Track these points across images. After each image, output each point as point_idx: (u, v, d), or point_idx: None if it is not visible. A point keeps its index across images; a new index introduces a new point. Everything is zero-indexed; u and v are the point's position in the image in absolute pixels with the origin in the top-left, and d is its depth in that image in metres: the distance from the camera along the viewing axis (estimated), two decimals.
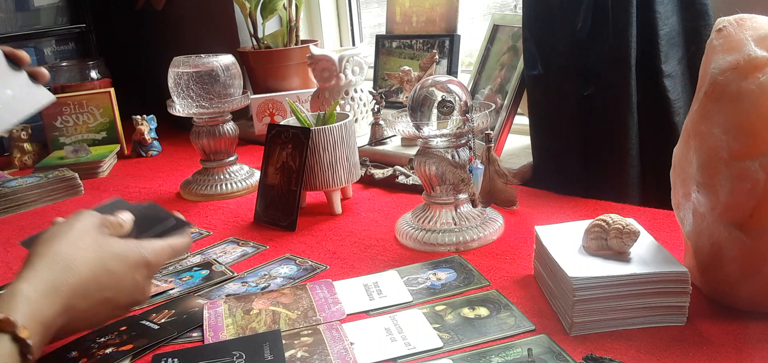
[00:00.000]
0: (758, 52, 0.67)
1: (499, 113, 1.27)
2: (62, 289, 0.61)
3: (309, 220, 1.13)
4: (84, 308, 0.63)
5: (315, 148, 1.10)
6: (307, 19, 1.93)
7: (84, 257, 0.63)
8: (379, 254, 0.97)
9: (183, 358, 0.73)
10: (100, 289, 0.64)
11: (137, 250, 0.68)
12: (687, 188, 0.73)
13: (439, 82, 0.96)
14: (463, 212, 0.99)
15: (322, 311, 0.80)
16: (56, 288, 0.60)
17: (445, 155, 0.96)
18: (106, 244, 0.66)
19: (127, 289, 0.67)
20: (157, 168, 1.58)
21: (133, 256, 0.67)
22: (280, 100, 1.64)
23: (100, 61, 1.98)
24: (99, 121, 1.71)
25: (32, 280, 0.60)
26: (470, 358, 0.68)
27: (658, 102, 1.04)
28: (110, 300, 0.65)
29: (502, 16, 1.38)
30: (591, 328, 0.71)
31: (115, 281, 0.65)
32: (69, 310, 0.61)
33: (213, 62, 1.26)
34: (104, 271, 0.64)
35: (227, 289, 0.90)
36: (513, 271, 0.88)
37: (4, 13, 2.01)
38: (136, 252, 0.68)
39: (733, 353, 0.65)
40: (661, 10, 1.01)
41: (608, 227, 0.74)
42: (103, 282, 0.64)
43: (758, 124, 0.66)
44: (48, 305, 0.60)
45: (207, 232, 1.13)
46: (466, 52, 1.63)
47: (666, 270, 0.70)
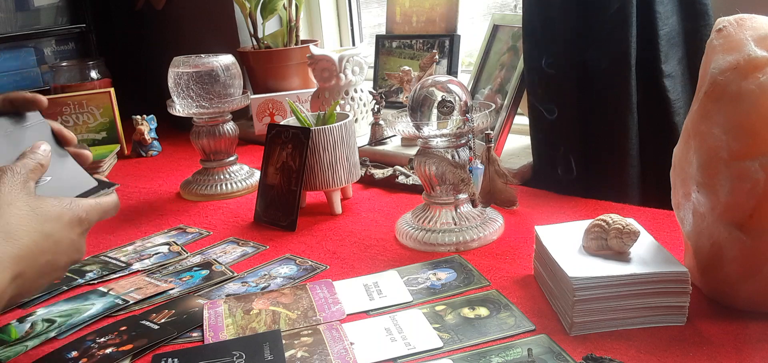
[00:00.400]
0: (758, 52, 0.67)
1: (499, 113, 1.27)
2: (6, 261, 0.60)
3: (309, 220, 1.13)
4: (30, 275, 0.63)
5: (315, 148, 1.10)
6: (307, 19, 1.93)
7: (21, 224, 0.63)
8: (379, 254, 0.97)
9: (183, 358, 0.73)
10: (42, 253, 0.64)
11: (70, 209, 0.67)
12: (687, 188, 0.73)
13: (439, 82, 0.96)
14: (463, 212, 0.99)
15: (322, 311, 0.80)
16: (1, 260, 0.60)
17: (445, 155, 0.96)
18: (39, 207, 0.65)
19: (65, 249, 0.67)
20: (157, 168, 1.58)
21: (68, 216, 0.67)
22: (280, 100, 1.64)
23: (100, 61, 1.98)
24: (99, 121, 1.71)
25: None
26: (470, 358, 0.68)
27: (658, 102, 1.04)
28: (51, 262, 0.65)
29: (502, 16, 1.38)
30: (591, 328, 0.71)
31: (54, 243, 0.65)
32: (16, 279, 0.61)
33: (213, 62, 1.26)
34: (42, 235, 0.64)
35: (227, 289, 0.90)
36: (513, 271, 0.88)
37: (4, 13, 2.01)
38: (70, 211, 0.67)
39: (733, 353, 0.65)
40: (661, 10, 1.01)
41: (608, 227, 0.74)
42: (43, 246, 0.64)
43: (758, 124, 0.66)
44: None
45: (207, 232, 1.13)
46: (466, 52, 1.63)
47: (666, 270, 0.70)
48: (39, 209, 0.65)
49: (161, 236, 1.13)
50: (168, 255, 1.04)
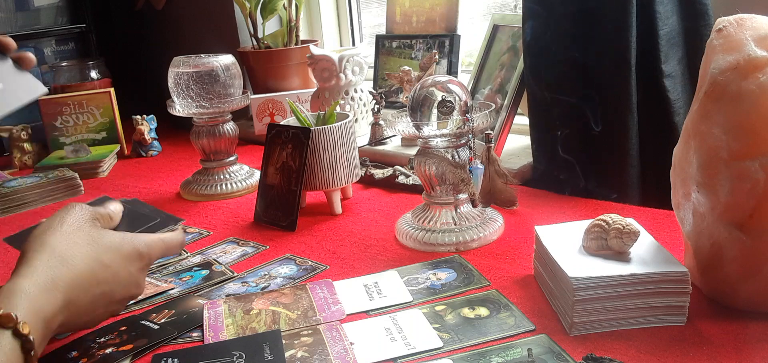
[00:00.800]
0: (758, 52, 0.67)
1: (499, 113, 1.27)
2: (60, 284, 0.60)
3: (309, 220, 1.13)
4: (83, 303, 0.63)
5: (315, 148, 1.10)
6: (307, 19, 1.93)
7: (79, 251, 0.63)
8: (379, 254, 0.97)
9: (183, 358, 0.73)
10: (97, 283, 0.64)
11: (131, 242, 0.68)
12: (687, 188, 0.73)
13: (439, 82, 0.96)
14: (463, 212, 0.99)
15: (322, 311, 0.80)
16: (55, 283, 0.60)
17: (445, 155, 0.96)
18: (99, 238, 0.65)
19: (123, 282, 0.67)
20: (157, 168, 1.58)
21: (127, 248, 0.67)
22: (280, 100, 1.64)
23: (100, 61, 1.98)
24: (99, 121, 1.71)
25: (30, 275, 0.60)
26: (470, 358, 0.68)
27: (658, 102, 1.04)
28: (107, 293, 0.65)
29: (502, 16, 1.38)
30: (591, 328, 0.71)
31: (111, 274, 0.65)
32: (68, 306, 0.61)
33: (213, 62, 1.26)
34: (100, 265, 0.64)
35: (227, 289, 0.90)
36: (513, 271, 0.88)
37: (4, 13, 2.01)
38: (130, 244, 0.68)
39: (733, 353, 0.65)
40: (661, 10, 1.01)
41: (608, 227, 0.74)
42: (99, 275, 0.64)
43: (758, 124, 0.66)
44: (48, 301, 0.59)
45: (207, 232, 1.13)
46: (466, 52, 1.63)
47: (666, 270, 0.70)
48: (99, 240, 0.65)
49: None
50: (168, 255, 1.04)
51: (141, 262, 0.69)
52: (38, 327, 0.59)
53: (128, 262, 0.67)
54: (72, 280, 0.61)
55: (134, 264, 0.68)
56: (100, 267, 0.64)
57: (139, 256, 0.68)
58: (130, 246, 0.68)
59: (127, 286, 0.68)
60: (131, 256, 0.67)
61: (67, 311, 0.61)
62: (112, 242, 0.66)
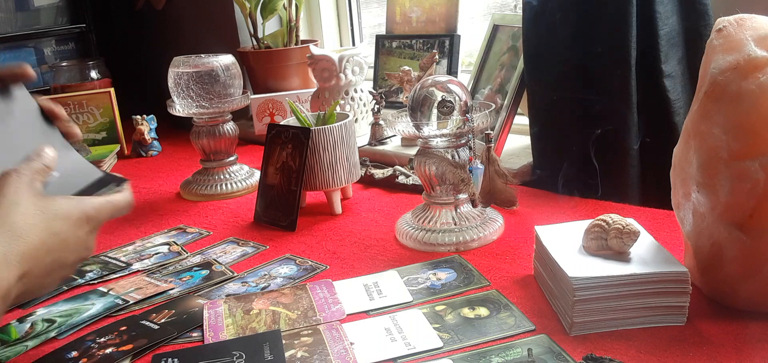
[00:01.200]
0: (758, 52, 0.67)
1: (499, 113, 1.27)
2: (13, 258, 0.61)
3: (309, 220, 1.13)
4: (37, 273, 0.63)
5: (315, 148, 1.10)
6: (307, 19, 1.93)
7: (29, 222, 0.63)
8: (379, 254, 0.97)
9: (183, 358, 0.73)
10: (49, 252, 0.64)
11: (78, 207, 0.67)
12: (687, 188, 0.73)
13: (439, 82, 0.96)
14: (463, 212, 0.99)
15: (322, 311, 0.80)
16: (7, 258, 0.60)
17: (445, 155, 0.96)
18: (46, 206, 0.65)
19: (73, 247, 0.67)
20: (157, 168, 1.58)
21: (76, 214, 0.67)
22: (280, 100, 1.64)
23: (100, 61, 1.98)
24: (99, 121, 1.71)
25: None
26: (470, 358, 0.68)
27: (658, 102, 1.04)
28: (58, 260, 0.65)
29: (502, 16, 1.38)
30: (591, 328, 0.71)
31: (61, 241, 0.65)
32: (23, 278, 0.62)
33: (213, 62, 1.26)
34: (50, 233, 0.64)
35: (227, 289, 0.90)
36: (513, 271, 0.88)
37: (4, 13, 2.01)
38: (78, 210, 0.67)
39: (733, 353, 0.65)
40: (661, 10, 1.01)
41: (608, 227, 0.74)
42: (50, 244, 0.64)
43: (758, 124, 0.66)
44: (2, 276, 0.60)
45: (207, 232, 1.13)
46: (466, 52, 1.63)
47: (666, 270, 0.70)
48: (46, 208, 0.65)
49: (161, 236, 1.13)
50: (168, 255, 1.04)
51: (89, 225, 0.68)
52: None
53: (77, 227, 0.67)
54: (25, 253, 0.61)
55: (83, 228, 0.67)
56: (51, 235, 0.64)
57: (88, 219, 0.68)
58: (79, 211, 0.67)
59: (77, 250, 0.67)
60: (80, 221, 0.67)
61: (21, 284, 0.62)
62: (60, 209, 0.66)
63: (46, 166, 0.69)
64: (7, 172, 0.66)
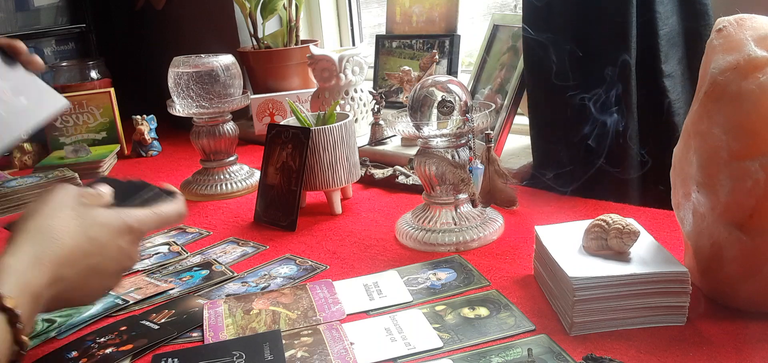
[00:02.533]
0: (758, 52, 0.67)
1: (499, 113, 1.27)
2: (46, 259, 0.61)
3: (309, 220, 1.13)
4: (72, 277, 0.63)
5: (315, 148, 1.10)
6: (307, 19, 1.93)
7: (65, 226, 0.63)
8: (379, 254, 0.97)
9: (183, 358, 0.73)
10: (85, 257, 0.64)
11: (118, 216, 0.68)
12: (687, 188, 0.73)
13: (439, 82, 0.96)
14: (463, 212, 0.99)
15: (322, 311, 0.80)
16: (40, 258, 0.61)
17: (445, 155, 0.96)
18: (86, 214, 0.65)
19: (113, 256, 0.67)
20: (157, 168, 1.58)
21: (115, 222, 0.67)
22: (280, 100, 1.64)
23: (100, 61, 1.98)
24: (99, 121, 1.71)
25: (15, 253, 0.61)
26: (470, 358, 0.68)
27: (658, 102, 1.04)
28: (97, 267, 0.65)
29: (502, 16, 1.38)
30: (591, 328, 0.71)
31: (99, 248, 0.65)
32: (57, 281, 0.62)
33: (213, 62, 1.26)
34: (87, 239, 0.64)
35: (227, 289, 0.90)
36: (513, 271, 0.88)
37: (4, 13, 2.01)
38: (118, 218, 0.67)
39: (733, 353, 0.65)
40: (661, 10, 1.01)
41: (608, 227, 0.74)
42: (87, 249, 0.64)
43: (758, 124, 0.66)
44: (34, 276, 0.60)
45: (207, 232, 1.13)
46: (466, 52, 1.63)
47: (666, 270, 0.70)
48: (85, 215, 0.65)
49: (161, 236, 1.13)
50: (168, 255, 1.04)
51: (131, 235, 0.68)
52: (25, 301, 0.59)
53: (117, 235, 0.67)
54: (58, 255, 0.62)
55: (124, 237, 0.67)
56: (87, 241, 0.64)
57: (129, 229, 0.68)
58: (118, 220, 0.67)
59: (117, 259, 0.67)
60: (120, 230, 0.67)
61: (55, 286, 0.62)
62: (100, 217, 0.66)
63: (99, 194, 0.69)
64: (61, 184, 0.67)
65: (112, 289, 0.70)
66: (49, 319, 0.85)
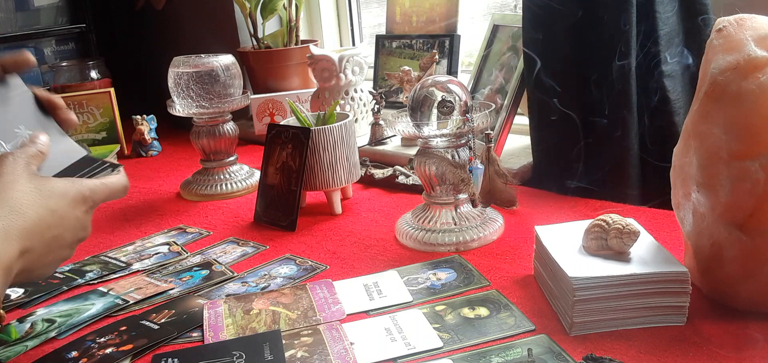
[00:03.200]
0: (758, 52, 0.67)
1: (499, 113, 1.27)
2: (14, 233, 0.62)
3: (309, 220, 1.13)
4: (38, 249, 0.65)
5: (315, 148, 1.10)
6: (307, 19, 1.93)
7: (27, 199, 0.65)
8: (379, 254, 0.97)
9: (183, 358, 0.73)
10: (48, 228, 0.66)
11: (75, 187, 0.69)
12: (687, 188, 0.73)
13: (439, 82, 0.96)
14: (463, 212, 0.99)
15: (322, 311, 0.80)
16: (8, 232, 0.62)
17: (445, 155, 0.96)
18: (43, 185, 0.67)
19: (71, 226, 0.68)
20: (157, 168, 1.58)
21: (72, 193, 0.69)
22: (280, 100, 1.64)
23: (100, 61, 1.98)
24: (99, 121, 1.71)
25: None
26: (470, 358, 0.68)
27: (658, 102, 1.04)
28: (58, 237, 0.67)
29: (502, 16, 1.38)
30: (591, 328, 0.71)
31: (59, 219, 0.67)
32: (24, 254, 0.63)
33: (213, 62, 1.26)
34: (48, 211, 0.66)
35: (227, 289, 0.90)
36: (513, 271, 0.88)
37: (4, 13, 2.01)
38: (75, 189, 0.69)
39: (733, 353, 0.65)
40: (661, 10, 1.01)
41: (608, 227, 0.74)
42: (49, 221, 0.66)
43: (758, 124, 0.66)
44: (4, 250, 0.61)
45: (207, 232, 1.13)
46: (466, 52, 1.63)
47: (666, 270, 0.70)
48: (42, 186, 0.66)
49: (161, 236, 1.13)
50: (168, 255, 1.04)
51: (85, 205, 0.70)
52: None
53: (74, 206, 0.69)
54: (24, 229, 0.63)
55: (80, 207, 0.69)
56: (49, 213, 0.66)
57: (84, 199, 0.70)
58: (75, 190, 0.69)
59: (75, 229, 0.69)
60: (76, 200, 0.69)
61: (23, 259, 0.63)
62: (57, 188, 0.68)
63: (40, 151, 0.71)
64: (3, 154, 0.68)
65: (67, 258, 0.71)
66: (49, 319, 0.85)
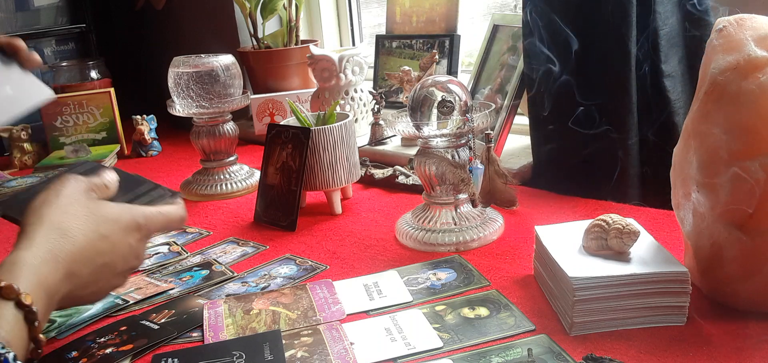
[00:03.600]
0: (758, 52, 0.67)
1: (499, 113, 1.27)
2: (61, 256, 0.61)
3: (309, 220, 1.13)
4: (85, 275, 0.63)
5: (315, 148, 1.10)
6: (307, 19, 1.93)
7: (78, 223, 0.63)
8: (379, 254, 0.97)
9: (183, 358, 0.73)
10: (98, 254, 0.64)
11: (129, 213, 0.68)
12: (687, 188, 0.73)
13: (439, 82, 0.96)
14: (463, 212, 0.99)
15: (322, 311, 0.80)
16: (55, 255, 0.61)
17: (445, 155, 0.96)
18: (97, 210, 0.65)
19: (123, 253, 0.67)
20: (157, 168, 1.58)
21: (126, 219, 0.67)
22: (280, 100, 1.64)
23: (100, 61, 1.98)
24: (99, 121, 1.71)
25: (30, 248, 0.60)
26: (470, 358, 0.68)
27: (658, 102, 1.04)
28: (108, 265, 0.65)
29: (502, 16, 1.38)
30: (591, 328, 0.71)
31: (110, 245, 0.65)
32: (70, 278, 0.62)
33: (213, 62, 1.26)
34: (99, 236, 0.64)
35: (227, 289, 0.90)
36: (513, 271, 0.88)
37: (4, 13, 2.01)
38: (129, 215, 0.67)
39: (733, 353, 0.65)
40: (661, 10, 1.01)
41: (608, 227, 0.74)
42: (99, 247, 0.64)
43: (758, 124, 0.66)
44: (49, 272, 0.60)
45: (207, 232, 1.13)
46: (466, 52, 1.63)
47: (666, 270, 0.70)
48: (97, 211, 0.65)
49: (161, 236, 1.13)
50: (168, 255, 1.04)
51: (139, 233, 0.68)
52: (41, 298, 0.59)
53: (127, 233, 0.67)
54: (72, 253, 0.62)
55: (133, 235, 0.67)
56: (99, 238, 0.64)
57: (138, 226, 0.68)
58: (129, 216, 0.67)
59: (126, 257, 0.67)
60: (129, 227, 0.67)
61: (69, 283, 0.62)
62: (111, 213, 0.66)
63: (105, 184, 0.70)
64: (67, 175, 0.67)
65: (119, 287, 0.70)
66: (49, 319, 0.85)
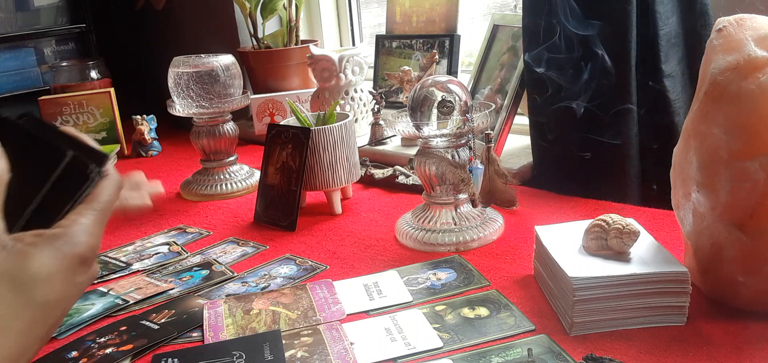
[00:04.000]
0: (758, 52, 0.67)
1: (499, 113, 1.27)
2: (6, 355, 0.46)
3: (309, 220, 1.13)
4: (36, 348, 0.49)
5: (315, 148, 1.10)
6: (307, 19, 1.93)
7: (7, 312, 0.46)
8: (379, 254, 0.97)
9: (183, 358, 0.73)
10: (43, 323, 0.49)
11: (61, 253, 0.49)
12: (687, 188, 0.73)
13: (439, 82, 0.96)
14: (463, 212, 0.99)
15: (322, 311, 0.80)
16: None
17: (445, 155, 0.96)
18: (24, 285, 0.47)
19: (71, 296, 0.51)
20: (157, 168, 1.58)
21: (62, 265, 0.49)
22: (280, 100, 1.64)
23: (100, 61, 1.98)
24: (99, 121, 1.71)
25: None
26: (470, 358, 0.68)
27: (658, 102, 1.04)
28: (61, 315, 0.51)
29: (502, 16, 1.38)
30: (591, 328, 0.71)
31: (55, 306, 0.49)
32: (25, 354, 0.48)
33: (213, 62, 1.26)
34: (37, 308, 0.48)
35: (227, 289, 0.90)
36: (513, 271, 0.88)
37: (4, 13, 2.01)
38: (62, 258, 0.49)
39: (733, 353, 0.65)
40: (661, 10, 1.01)
41: (608, 227, 0.74)
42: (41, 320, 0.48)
43: (758, 124, 0.66)
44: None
45: (207, 232, 1.13)
46: (466, 52, 1.63)
47: (666, 270, 0.70)
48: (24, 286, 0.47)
49: (161, 236, 1.13)
50: (168, 255, 1.04)
51: (85, 265, 0.51)
52: None
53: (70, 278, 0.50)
54: (7, 356, 0.46)
55: (78, 273, 0.50)
56: (39, 309, 0.48)
57: (81, 261, 0.50)
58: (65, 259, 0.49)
59: (78, 295, 0.52)
60: (71, 269, 0.50)
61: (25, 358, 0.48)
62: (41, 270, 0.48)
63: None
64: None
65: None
66: None
